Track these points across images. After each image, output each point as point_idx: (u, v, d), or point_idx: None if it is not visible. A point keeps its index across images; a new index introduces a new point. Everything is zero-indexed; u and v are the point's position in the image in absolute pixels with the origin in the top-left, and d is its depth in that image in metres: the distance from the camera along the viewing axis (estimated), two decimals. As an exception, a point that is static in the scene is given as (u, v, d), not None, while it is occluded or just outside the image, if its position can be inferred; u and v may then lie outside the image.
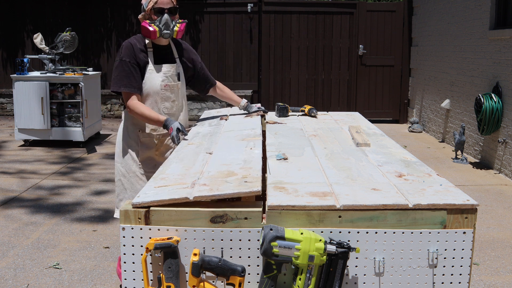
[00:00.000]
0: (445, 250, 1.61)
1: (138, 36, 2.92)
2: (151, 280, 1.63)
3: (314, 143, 2.48)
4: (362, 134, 2.62)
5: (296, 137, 2.61)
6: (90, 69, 7.73)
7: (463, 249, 1.62)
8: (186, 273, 1.63)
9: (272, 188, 1.77)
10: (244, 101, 3.31)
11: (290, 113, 3.36)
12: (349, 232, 1.60)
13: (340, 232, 1.59)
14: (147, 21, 2.85)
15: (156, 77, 2.89)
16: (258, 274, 1.62)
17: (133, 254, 1.62)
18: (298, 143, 2.48)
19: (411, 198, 1.64)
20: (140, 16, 2.93)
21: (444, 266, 1.62)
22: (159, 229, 1.61)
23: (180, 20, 2.91)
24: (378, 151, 2.31)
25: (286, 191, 1.72)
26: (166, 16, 2.81)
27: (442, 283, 1.63)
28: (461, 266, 1.63)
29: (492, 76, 6.27)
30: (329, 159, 2.16)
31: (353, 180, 1.85)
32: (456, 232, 1.61)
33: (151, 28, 2.80)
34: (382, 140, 2.57)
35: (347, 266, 1.61)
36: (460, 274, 1.63)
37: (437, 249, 1.61)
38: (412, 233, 1.60)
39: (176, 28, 2.86)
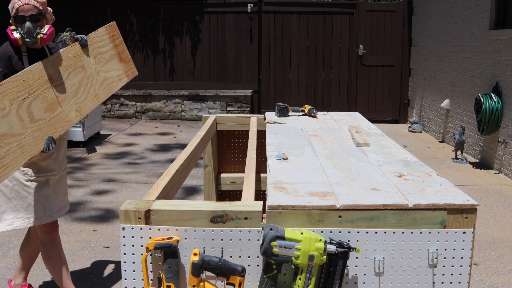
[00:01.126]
0: (445, 250, 1.62)
1: (8, 42, 2.81)
2: (151, 280, 1.63)
3: (314, 143, 2.48)
4: (362, 134, 2.62)
5: (296, 137, 2.62)
6: (90, 69, 7.72)
7: (463, 249, 1.62)
8: (186, 273, 1.63)
9: (272, 188, 1.77)
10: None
11: (290, 113, 3.36)
12: (349, 232, 1.60)
13: (340, 232, 1.60)
14: (12, 27, 2.75)
15: None
16: (258, 274, 1.62)
17: (133, 254, 1.62)
18: (298, 143, 2.48)
19: (411, 198, 1.65)
20: (11, 21, 2.81)
21: (444, 266, 1.63)
22: (159, 229, 1.61)
23: (46, 26, 2.81)
24: (378, 151, 2.32)
25: (286, 191, 1.73)
26: (27, 24, 2.72)
27: (442, 283, 1.63)
28: (461, 266, 1.63)
29: (492, 76, 6.27)
30: (329, 159, 2.16)
31: (353, 180, 1.86)
32: (456, 232, 1.61)
33: (12, 36, 2.73)
34: (382, 140, 2.57)
35: (347, 266, 1.61)
36: (460, 274, 1.63)
37: (437, 249, 1.61)
38: (412, 233, 1.60)
39: (39, 36, 2.75)
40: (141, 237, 1.61)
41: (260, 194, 3.46)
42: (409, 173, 1.95)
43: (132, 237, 1.61)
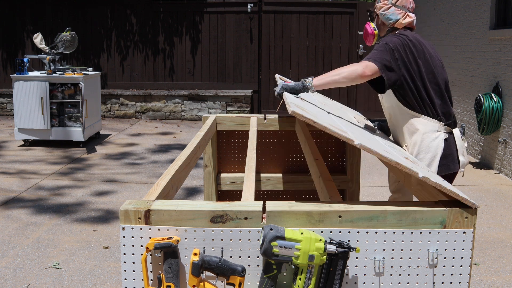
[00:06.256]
0: (445, 250, 1.61)
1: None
2: (151, 280, 1.63)
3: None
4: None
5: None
6: (90, 69, 7.73)
7: (463, 249, 1.62)
8: (186, 273, 1.63)
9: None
10: None
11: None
12: (349, 232, 1.60)
13: (340, 232, 1.59)
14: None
15: None
16: (258, 274, 1.62)
17: (133, 254, 1.62)
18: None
19: (420, 171, 1.65)
20: None
21: (444, 266, 1.62)
22: (159, 229, 1.60)
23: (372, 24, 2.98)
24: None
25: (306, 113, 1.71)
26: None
27: (442, 283, 1.63)
28: (461, 266, 1.63)
29: (492, 76, 6.27)
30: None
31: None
32: (456, 232, 1.61)
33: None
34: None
35: (347, 266, 1.61)
36: (460, 274, 1.63)
37: (437, 249, 1.61)
38: (412, 233, 1.60)
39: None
40: (141, 237, 1.61)
41: (260, 194, 3.46)
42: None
43: (132, 237, 1.61)
